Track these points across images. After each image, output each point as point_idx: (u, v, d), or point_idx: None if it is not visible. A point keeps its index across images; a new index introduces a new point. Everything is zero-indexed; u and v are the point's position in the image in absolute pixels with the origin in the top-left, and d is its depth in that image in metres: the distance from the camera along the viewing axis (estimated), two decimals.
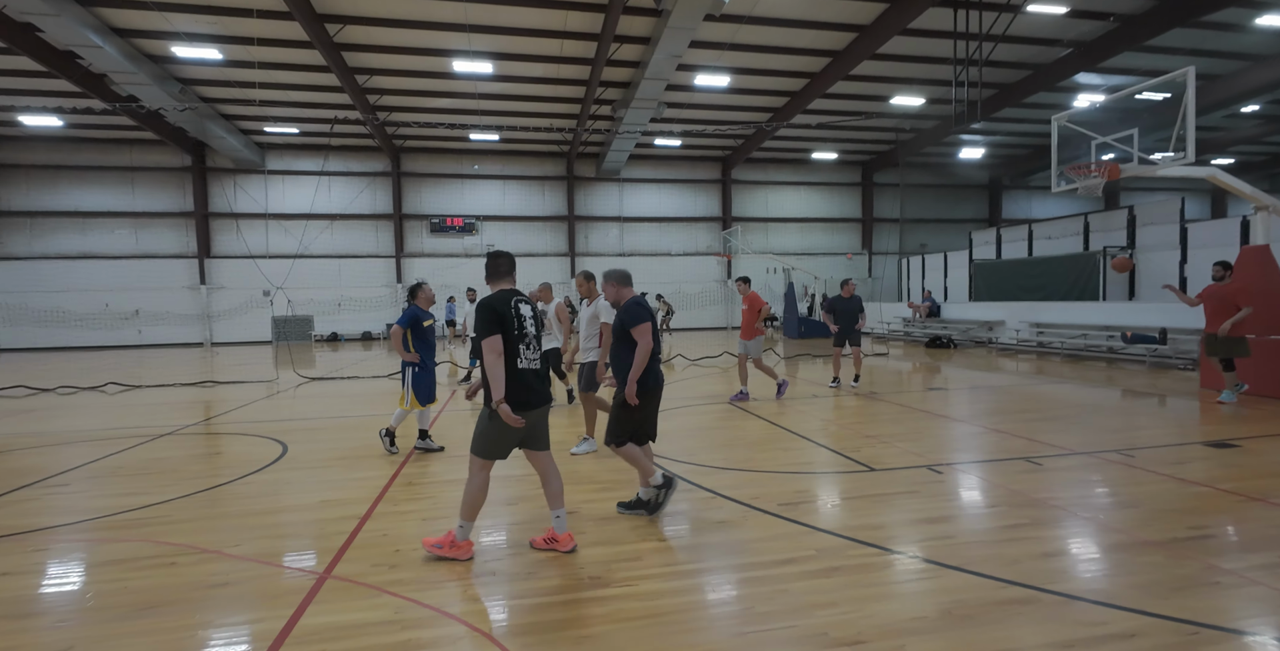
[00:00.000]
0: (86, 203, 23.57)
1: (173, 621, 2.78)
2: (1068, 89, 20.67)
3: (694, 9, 14.12)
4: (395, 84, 19.52)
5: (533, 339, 3.41)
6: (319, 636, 2.63)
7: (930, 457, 5.37)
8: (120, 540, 3.79)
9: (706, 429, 6.83)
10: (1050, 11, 15.31)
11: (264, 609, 2.88)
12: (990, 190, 30.95)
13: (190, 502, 4.50)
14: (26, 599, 3.03)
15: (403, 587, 3.07)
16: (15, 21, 14.95)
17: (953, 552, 3.39)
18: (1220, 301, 7.32)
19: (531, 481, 4.63)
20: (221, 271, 24.44)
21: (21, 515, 4.29)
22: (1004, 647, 2.48)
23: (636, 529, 3.84)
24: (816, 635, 2.58)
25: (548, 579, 3.16)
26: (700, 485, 4.69)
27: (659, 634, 2.62)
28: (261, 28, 15.85)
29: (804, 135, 25.11)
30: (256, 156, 24.05)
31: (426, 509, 4.28)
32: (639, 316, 3.90)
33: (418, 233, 26.09)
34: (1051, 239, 17.22)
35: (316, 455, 5.88)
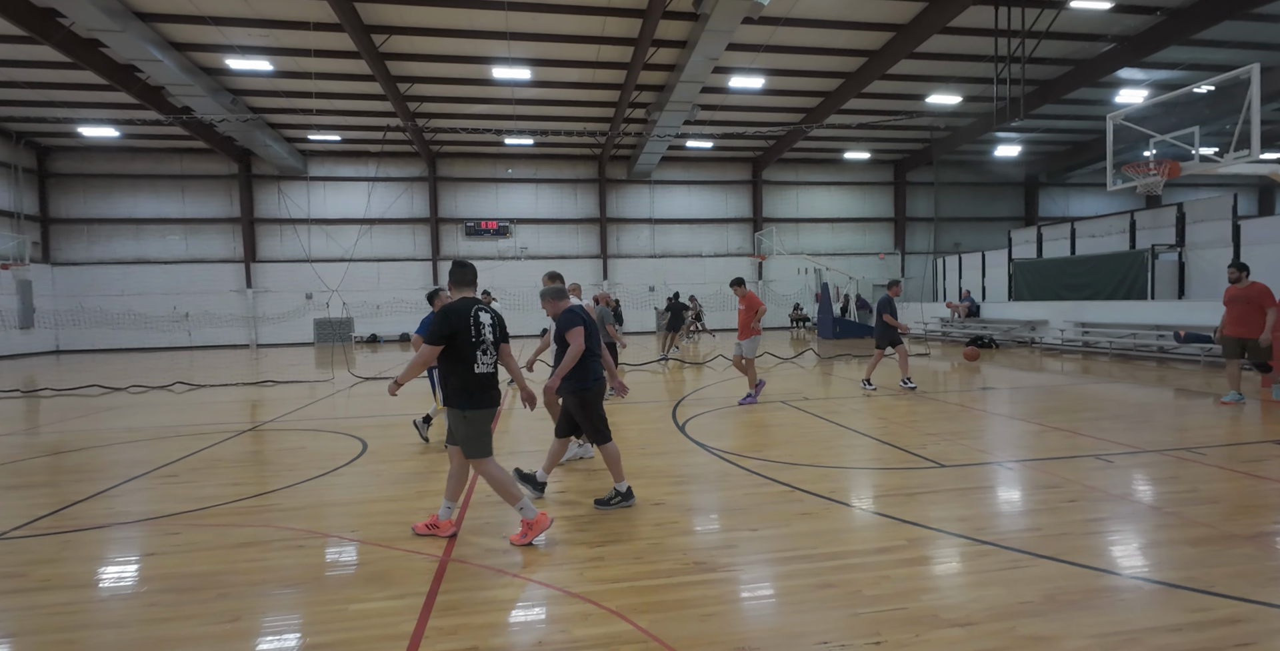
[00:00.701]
0: (140, 210, 24.53)
1: (322, 596, 3.02)
2: (1109, 84, 20.33)
3: (733, 12, 14.26)
4: (435, 91, 19.98)
5: (490, 345, 3.64)
6: (459, 611, 2.84)
7: (998, 455, 5.44)
8: (244, 525, 4.07)
9: (765, 426, 6.96)
10: (1095, 7, 15.10)
11: (399, 586, 3.11)
12: (1026, 188, 30.45)
13: (295, 492, 4.79)
14: (180, 575, 3.30)
15: (522, 569, 3.28)
16: (80, 37, 15.71)
17: (1042, 543, 3.49)
18: (1245, 304, 7.21)
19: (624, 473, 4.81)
20: (266, 275, 25.23)
21: (145, 502, 4.61)
22: (1112, 631, 2.58)
23: (724, 518, 4.00)
24: (928, 616, 2.72)
25: (655, 563, 3.34)
26: (776, 479, 4.84)
27: (778, 614, 2.78)
28: (311, 39, 16.40)
29: (837, 135, 25.03)
30: (299, 163, 24.78)
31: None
32: (572, 321, 4.20)
33: (453, 236, 26.61)
34: (1095, 237, 16.96)
35: (396, 451, 6.15)
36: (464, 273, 3.76)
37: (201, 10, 14.87)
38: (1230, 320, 7.31)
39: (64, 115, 20.58)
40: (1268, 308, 7.04)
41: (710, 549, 3.51)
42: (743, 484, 4.74)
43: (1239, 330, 7.21)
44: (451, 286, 3.76)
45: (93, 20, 13.81)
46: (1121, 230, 16.17)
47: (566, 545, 3.63)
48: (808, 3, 15.39)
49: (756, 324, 8.24)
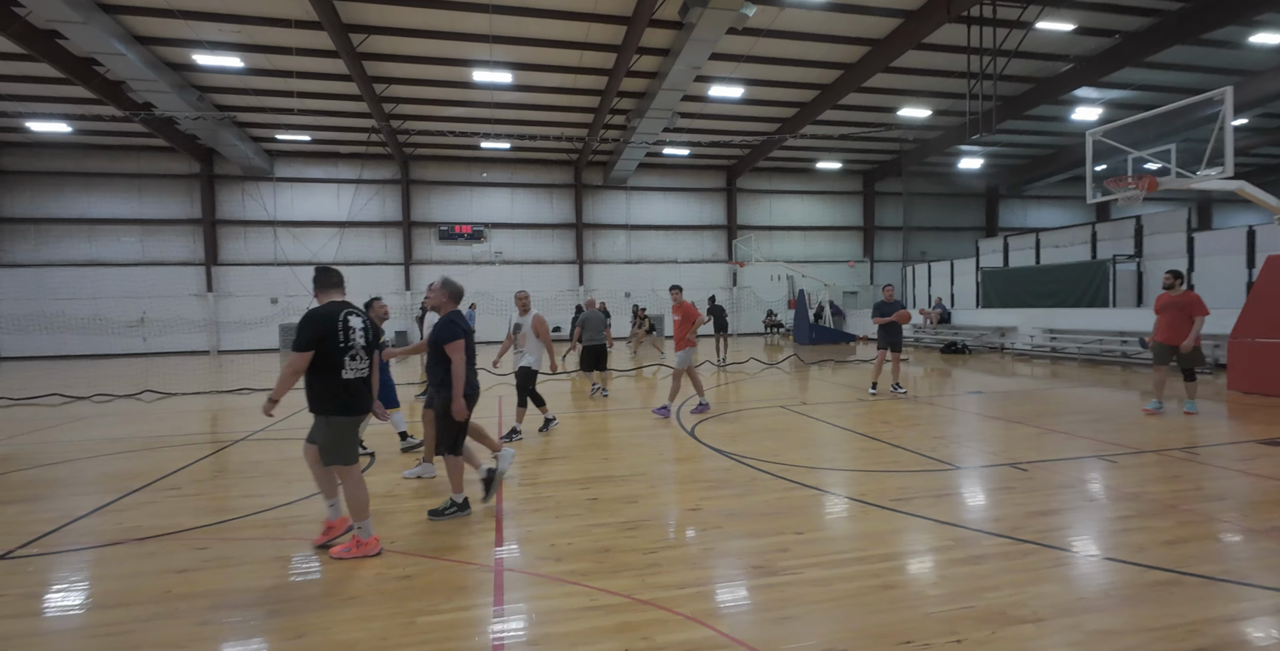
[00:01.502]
0: (93, 210, 23.37)
1: (384, 609, 2.93)
2: (1067, 102, 21.33)
3: (719, 22, 14.48)
4: (412, 93, 19.66)
5: (360, 350, 3.56)
6: (534, 622, 2.79)
7: (1008, 456, 5.62)
8: (274, 538, 3.91)
9: (774, 431, 7.03)
10: (1059, 28, 15.86)
11: (462, 597, 3.04)
12: (988, 199, 31.64)
13: (314, 504, 4.62)
14: (223, 591, 3.15)
15: (581, 577, 3.24)
16: (37, 29, 14.95)
17: (1078, 541, 3.63)
18: (1178, 311, 7.23)
19: (670, 482, 4.80)
20: (229, 279, 24.31)
21: (156, 516, 4.38)
22: (1172, 623, 2.70)
23: (766, 522, 4.03)
24: (997, 614, 2.79)
25: (713, 568, 3.35)
26: (803, 483, 4.90)
27: (852, 614, 2.82)
28: (285, 37, 15.98)
29: (810, 145, 25.59)
30: (265, 163, 24.02)
31: (554, 506, 4.44)
32: (453, 334, 4.08)
33: (426, 240, 26.15)
34: (1059, 247, 17.73)
35: (404, 459, 6.00)
36: (330, 276, 3.65)
37: (171, 4, 14.32)
38: (1162, 327, 7.37)
39: (12, 109, 19.48)
40: (1196, 316, 7.12)
41: (763, 552, 3.54)
42: (772, 488, 4.79)
43: (1170, 337, 7.28)
44: (318, 291, 3.62)
45: (53, 11, 13.16)
46: (1084, 241, 16.95)
47: (618, 552, 3.60)
48: (789, 15, 15.73)
49: (692, 335, 7.98)
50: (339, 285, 3.65)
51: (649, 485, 4.93)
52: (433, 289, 4.37)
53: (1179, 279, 7.35)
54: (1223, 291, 13.35)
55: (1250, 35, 16.11)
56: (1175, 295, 7.30)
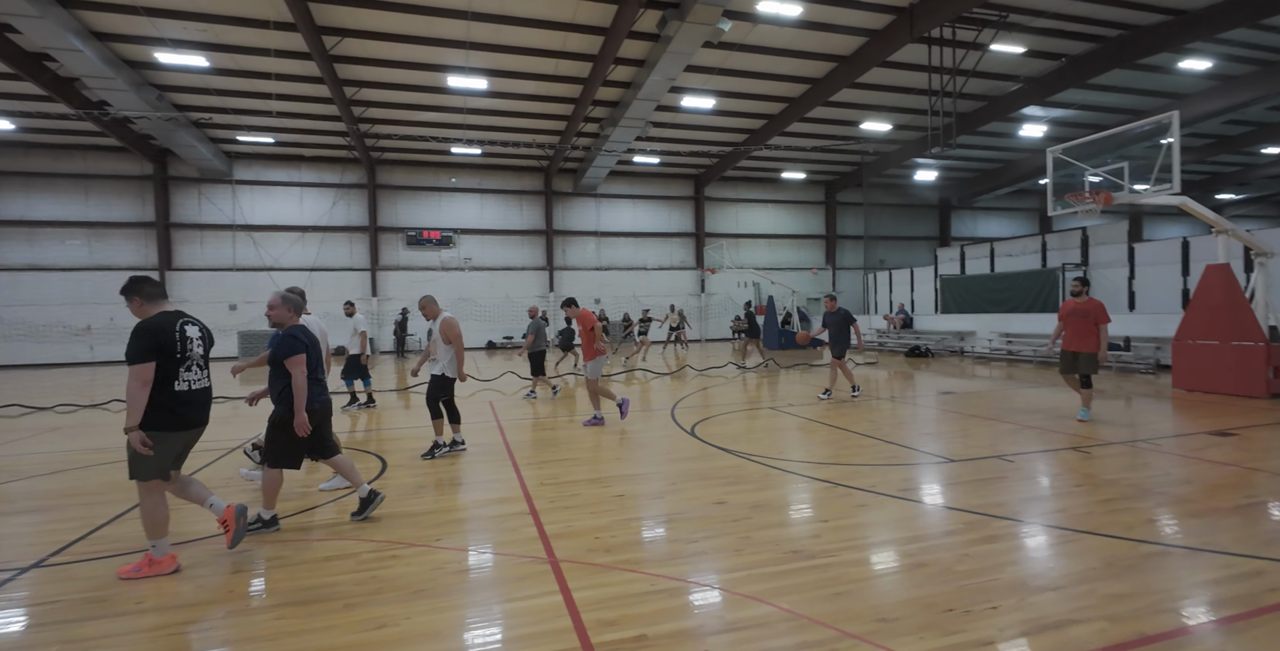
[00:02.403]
0: (35, 211, 22.17)
1: (456, 600, 3.05)
2: (1016, 119, 22.64)
3: (695, 36, 14.90)
4: (383, 96, 19.44)
5: (198, 361, 3.48)
6: (605, 605, 2.96)
7: (993, 450, 6.05)
8: (318, 539, 3.96)
9: (772, 430, 7.33)
10: (1010, 50, 16.90)
11: (529, 587, 3.19)
12: (941, 210, 33.12)
13: (344, 506, 4.65)
14: (290, 589, 3.21)
15: (636, 565, 3.42)
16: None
17: (1075, 521, 4.01)
18: (1082, 318, 7.19)
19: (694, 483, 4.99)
20: (184, 284, 23.40)
21: (180, 523, 4.33)
22: (1169, 586, 3.07)
23: (792, 513, 4.29)
24: (1019, 584, 3.11)
25: (756, 554, 3.58)
26: (815, 477, 5.19)
27: (894, 589, 3.09)
28: (253, 37, 15.64)
29: (776, 155, 26.35)
30: (224, 166, 23.27)
31: (584, 503, 4.60)
32: (294, 348, 4.01)
33: (394, 245, 25.74)
34: (1012, 256, 18.79)
35: (418, 463, 6.05)
36: (156, 288, 3.52)
37: (134, 0, 13.87)
38: (1069, 334, 7.32)
39: None
40: (1101, 324, 7.08)
41: (799, 539, 3.79)
42: (786, 482, 5.06)
43: (1076, 344, 7.24)
44: (144, 302, 3.45)
45: (7, 5, 12.59)
46: (1034, 251, 18.01)
47: (661, 542, 3.79)
48: (761, 31, 16.29)
49: (599, 343, 7.76)
50: (163, 295, 3.53)
51: (669, 482, 5.13)
52: (272, 304, 4.17)
53: (1086, 285, 7.35)
54: (1160, 297, 14.46)
55: (1180, 61, 17.48)
56: (1080, 302, 7.24)
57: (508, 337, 26.42)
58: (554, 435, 7.32)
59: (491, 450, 6.53)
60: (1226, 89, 18.88)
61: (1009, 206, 34.09)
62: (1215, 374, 9.17)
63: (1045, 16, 15.62)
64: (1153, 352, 12.55)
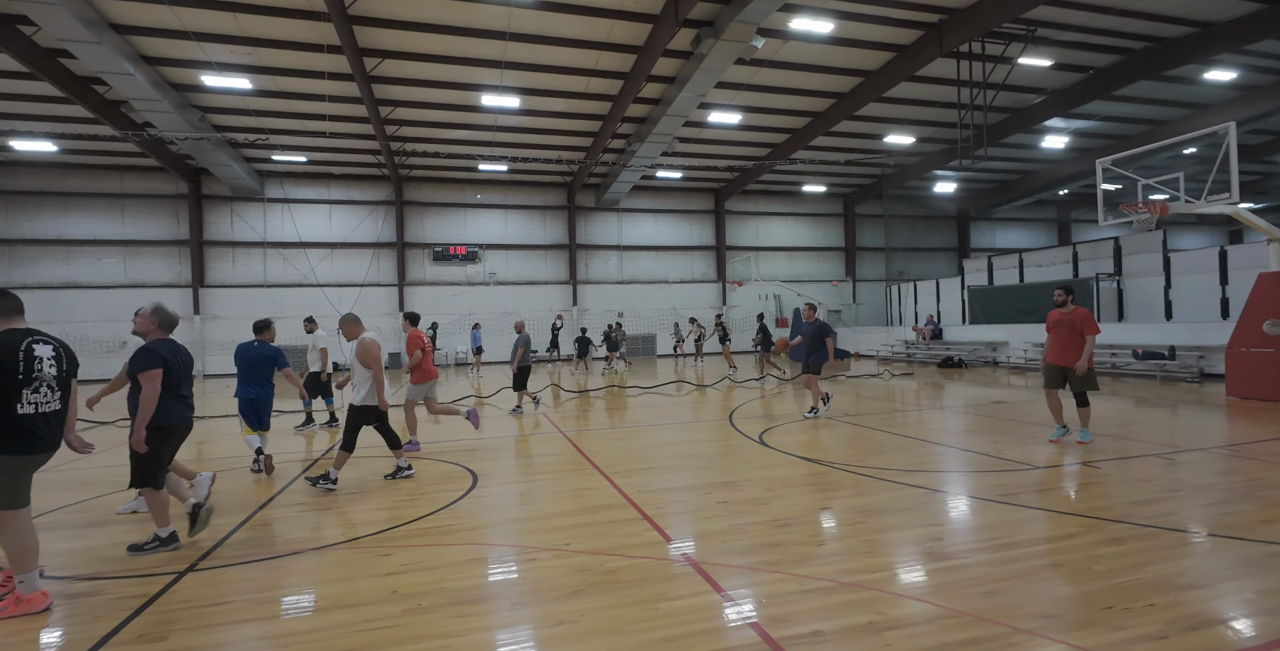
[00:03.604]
0: (72, 230, 22.63)
1: (616, 598, 3.15)
2: (1038, 131, 22.83)
3: (728, 53, 15.21)
4: (415, 115, 19.84)
5: (49, 381, 3.26)
6: (767, 604, 3.05)
7: (1075, 456, 6.10)
8: (448, 544, 4.06)
9: (845, 439, 7.39)
10: (1038, 63, 17.13)
11: (681, 587, 3.28)
12: (959, 221, 33.24)
13: (454, 513, 4.76)
14: (449, 590, 3.31)
15: (776, 566, 3.51)
16: (40, 47, 14.74)
17: (1190, 523, 4.08)
18: (1068, 329, 6.63)
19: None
20: (216, 301, 23.74)
21: (304, 529, 4.46)
22: None
23: (904, 517, 4.37)
24: (1165, 582, 3.18)
25: (889, 556, 3.66)
26: (908, 484, 5.26)
27: (1041, 588, 3.17)
28: (295, 59, 16.07)
29: (797, 169, 26.60)
30: (256, 184, 23.72)
31: (693, 510, 4.69)
32: (149, 362, 3.90)
33: (420, 261, 26.05)
34: (1041, 266, 18.85)
35: (505, 470, 6.16)
36: (10, 302, 3.32)
37: (185, 25, 14.33)
38: (1054, 347, 6.74)
39: (4, 127, 18.93)
40: (1087, 335, 6.55)
41: (921, 541, 3.87)
42: (881, 489, 5.13)
43: (1061, 357, 6.65)
44: None
45: (67, 31, 13.01)
46: (1064, 261, 18.07)
47: (788, 545, 3.87)
48: (791, 47, 16.60)
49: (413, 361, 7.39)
50: (18, 311, 3.33)
51: (765, 489, 5.22)
52: (141, 314, 4.11)
53: (1070, 294, 6.80)
54: (1198, 306, 14.47)
55: (1205, 72, 17.65)
56: (1066, 312, 6.70)
57: (532, 351, 26.51)
58: (625, 445, 7.42)
59: (569, 459, 6.63)
60: (1249, 99, 19.02)
61: (1027, 217, 34.17)
62: (1271, 381, 9.17)
63: (1072, 30, 15.85)
64: (1196, 361, 12.53)
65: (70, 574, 3.70)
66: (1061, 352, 6.67)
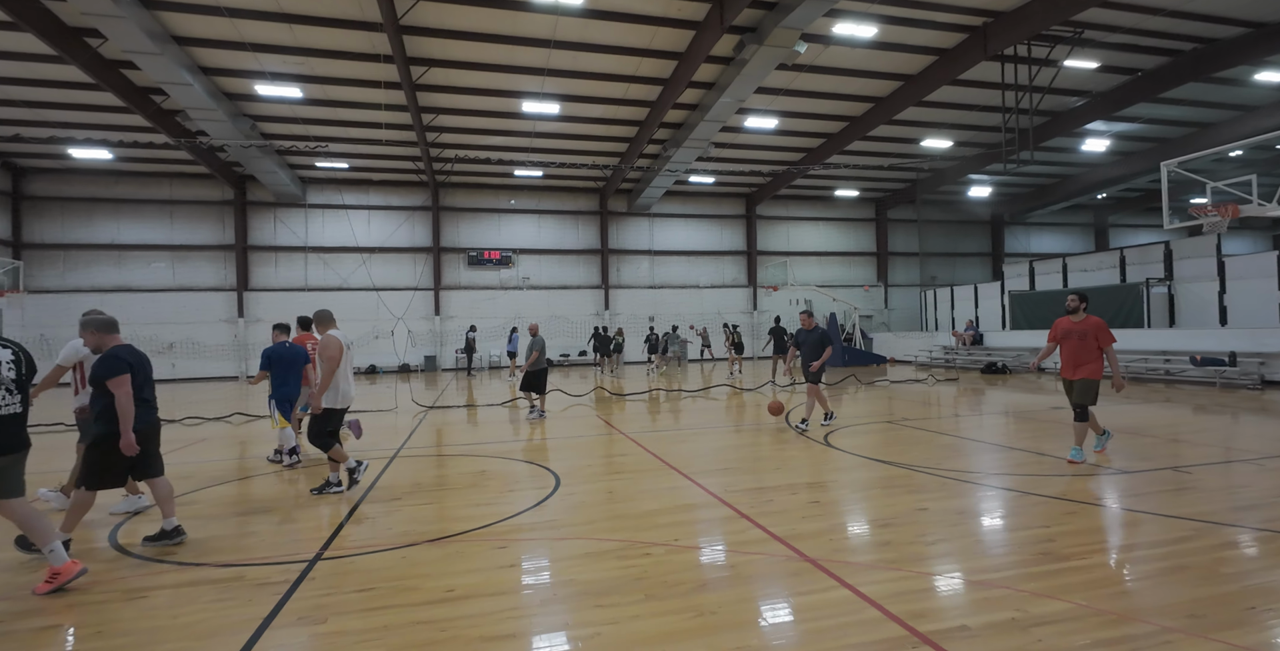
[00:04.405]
0: (123, 236, 23.37)
1: (750, 591, 3.20)
2: (1078, 134, 22.50)
3: (771, 59, 15.27)
4: (456, 122, 20.18)
5: (7, 384, 3.36)
6: (901, 599, 3.08)
7: (1159, 461, 6.03)
8: (555, 538, 4.15)
9: (908, 443, 7.36)
10: (1083, 66, 16.92)
11: (807, 583, 3.32)
12: (993, 226, 32.84)
13: (548, 510, 4.85)
14: (576, 582, 3.39)
15: (896, 564, 3.53)
16: (104, 59, 15.29)
17: None
18: (1079, 339, 6.13)
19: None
20: (259, 304, 24.30)
21: (412, 522, 4.58)
22: None
23: (1009, 519, 4.36)
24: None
25: (1004, 556, 3.66)
26: (998, 487, 5.24)
27: (1177, 588, 3.15)
28: (344, 68, 16.47)
29: (830, 173, 26.51)
30: (299, 190, 24.28)
31: (787, 509, 4.72)
32: (115, 369, 3.93)
33: (455, 265, 26.42)
34: (1087, 271, 18.54)
35: (583, 470, 6.24)
36: None
37: (244, 36, 14.78)
38: (1066, 359, 6.24)
39: (64, 136, 19.61)
40: (1104, 346, 6.09)
41: (1035, 542, 3.86)
42: (972, 491, 5.12)
43: (1075, 370, 6.18)
44: None
45: (134, 42, 13.48)
46: (1111, 266, 17.77)
47: (899, 544, 3.89)
48: (831, 52, 16.61)
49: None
50: None
51: (853, 490, 5.23)
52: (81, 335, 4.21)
53: (1084, 302, 6.27)
54: (1255, 312, 14.13)
55: (1256, 73, 17.29)
56: (1077, 322, 6.18)
57: (564, 355, 26.80)
58: (692, 447, 7.46)
59: (640, 460, 6.69)
60: None
61: (1062, 221, 33.65)
62: None
63: (1121, 32, 15.65)
64: (1256, 368, 12.24)
65: (207, 561, 3.86)
66: (1073, 366, 6.16)
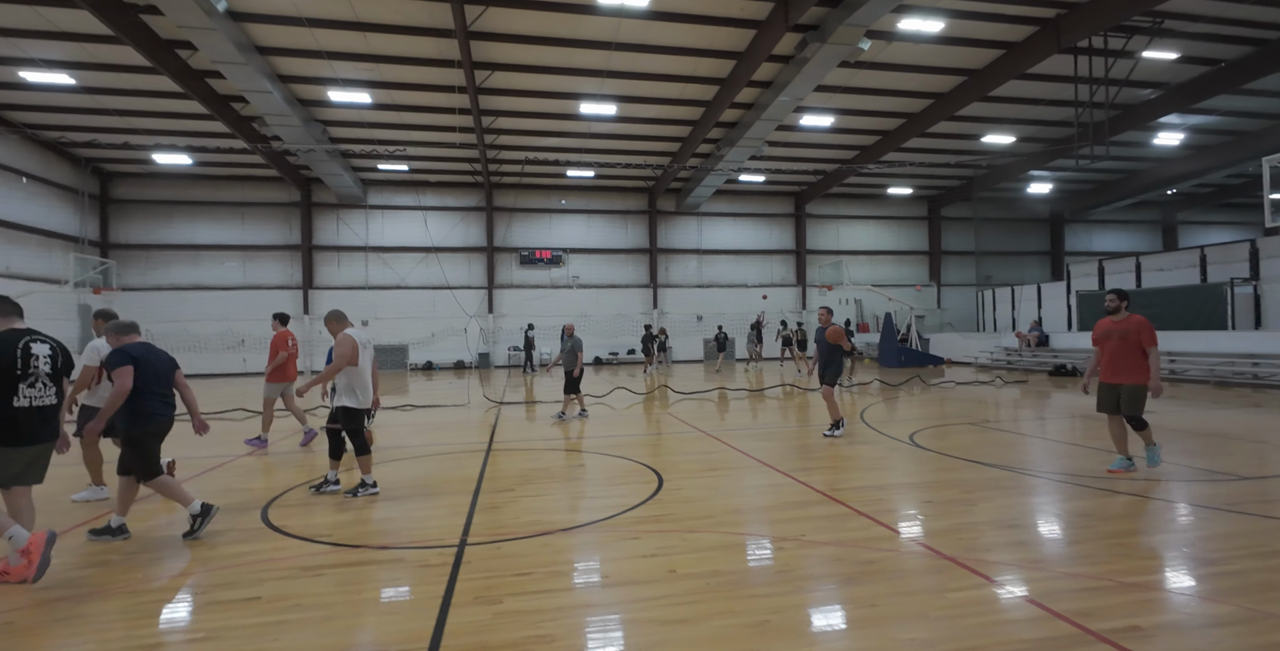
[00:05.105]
0: (199, 236, 24.58)
1: (898, 587, 3.27)
2: (1151, 127, 21.63)
3: (833, 57, 15.16)
4: (513, 124, 20.59)
5: (42, 377, 3.57)
6: (1056, 598, 3.11)
7: (1274, 469, 5.83)
8: (684, 530, 4.29)
9: (1004, 445, 7.26)
10: (1162, 57, 16.28)
11: (954, 580, 3.36)
12: (1052, 224, 31.80)
13: (662, 504, 4.99)
14: (724, 572, 3.51)
15: (1037, 563, 3.55)
16: (192, 69, 16.11)
17: None
18: (1120, 340, 5.61)
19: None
20: (323, 302, 25.24)
21: (537, 513, 4.79)
22: None
23: (1141, 522, 4.31)
24: None
25: (1145, 559, 3.64)
26: (1114, 491, 5.16)
27: None
28: (411, 74, 16.99)
29: (883, 171, 26.09)
30: (360, 192, 25.12)
31: (902, 506, 4.76)
32: (117, 361, 4.19)
33: (507, 264, 26.95)
34: (1163, 271, 17.84)
35: (680, 466, 6.37)
36: (9, 306, 3.69)
37: (321, 45, 15.39)
38: (1106, 362, 5.74)
39: (139, 142, 20.75)
40: (1147, 347, 5.55)
41: (1176, 546, 3.82)
42: (1090, 495, 5.04)
43: (1115, 375, 5.65)
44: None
45: (222, 53, 14.20)
46: (1190, 265, 17.06)
47: (1031, 545, 3.90)
48: (894, 48, 16.37)
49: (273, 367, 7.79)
50: (17, 313, 3.69)
51: (963, 491, 5.22)
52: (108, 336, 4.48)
53: (1125, 300, 5.75)
54: None
55: None
56: (1118, 321, 5.70)
57: (613, 353, 27.07)
58: (778, 445, 7.52)
59: (732, 457, 6.78)
60: None
61: (1127, 219, 32.39)
62: None
63: (1203, 21, 15.01)
64: None
65: (363, 543, 4.12)
66: (1114, 369, 5.64)
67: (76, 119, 19.18)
